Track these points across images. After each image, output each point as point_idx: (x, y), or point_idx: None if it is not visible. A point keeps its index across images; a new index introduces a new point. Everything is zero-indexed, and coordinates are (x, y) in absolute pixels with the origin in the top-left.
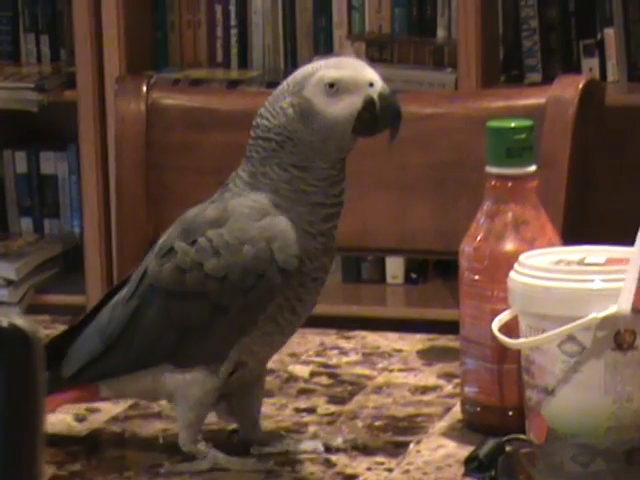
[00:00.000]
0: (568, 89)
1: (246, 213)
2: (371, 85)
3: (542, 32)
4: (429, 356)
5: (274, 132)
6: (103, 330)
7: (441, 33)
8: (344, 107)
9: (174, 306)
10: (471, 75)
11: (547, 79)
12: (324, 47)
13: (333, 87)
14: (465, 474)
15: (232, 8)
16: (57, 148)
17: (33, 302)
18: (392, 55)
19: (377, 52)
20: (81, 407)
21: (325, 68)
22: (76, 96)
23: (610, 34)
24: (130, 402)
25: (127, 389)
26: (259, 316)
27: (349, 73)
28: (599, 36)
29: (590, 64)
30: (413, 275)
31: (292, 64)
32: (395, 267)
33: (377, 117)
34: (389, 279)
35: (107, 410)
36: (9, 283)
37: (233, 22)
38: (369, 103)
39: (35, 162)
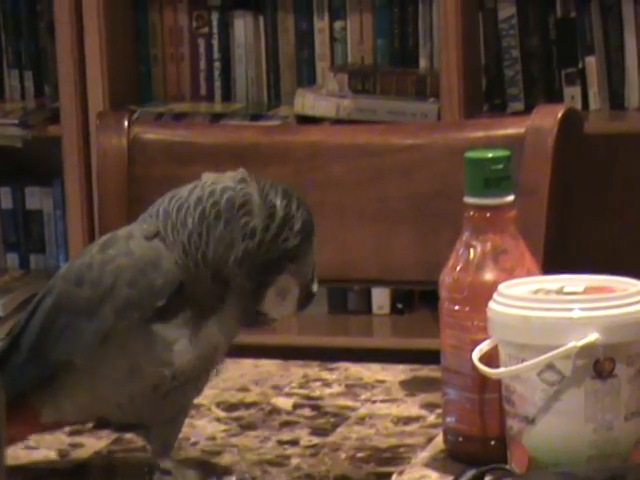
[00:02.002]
0: (547, 118)
1: (148, 235)
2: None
3: (524, 61)
4: (412, 387)
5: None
6: (8, 332)
7: (423, 63)
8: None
9: (69, 291)
10: (453, 105)
11: (529, 108)
12: (307, 79)
13: (283, 294)
14: None
15: (215, 41)
16: (42, 183)
17: None
18: (375, 86)
19: (360, 83)
20: (64, 442)
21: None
22: (60, 131)
23: (592, 62)
24: (113, 437)
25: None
26: (134, 316)
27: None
28: (580, 64)
29: (572, 92)
30: (399, 305)
31: (275, 96)
32: (381, 297)
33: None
34: (375, 309)
35: (90, 445)
36: None
37: (216, 55)
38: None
39: (20, 197)
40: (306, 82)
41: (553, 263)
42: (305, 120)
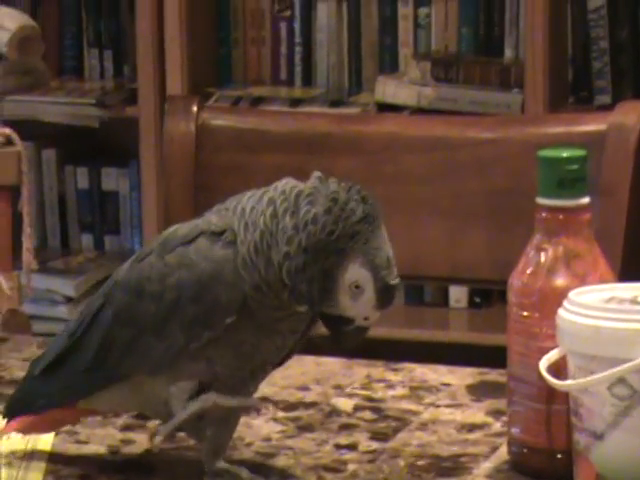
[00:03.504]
0: (630, 115)
1: (214, 232)
2: (366, 319)
3: (612, 53)
4: (478, 391)
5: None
6: (69, 329)
7: (508, 53)
8: (350, 308)
9: (131, 304)
10: (538, 96)
11: (617, 101)
12: (389, 66)
13: (357, 289)
14: None
15: (297, 25)
16: (119, 164)
17: None
18: (458, 75)
19: (442, 72)
20: (115, 438)
21: (372, 274)
22: (138, 112)
23: None
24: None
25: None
26: (203, 335)
27: (372, 299)
28: None
29: None
30: (477, 299)
31: (356, 83)
32: (458, 291)
33: (341, 332)
34: (452, 303)
35: (141, 441)
36: (68, 300)
37: (298, 39)
38: (347, 327)
39: (96, 178)
40: (388, 69)
41: (631, 269)
42: (386, 108)
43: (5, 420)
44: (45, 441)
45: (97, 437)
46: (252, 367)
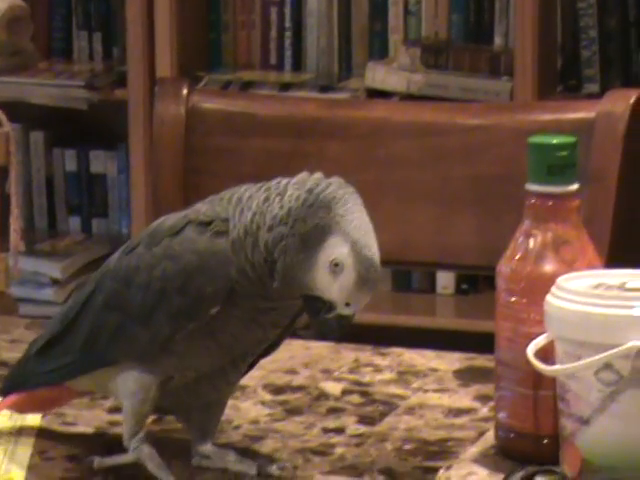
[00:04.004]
0: (618, 103)
1: (202, 222)
2: (348, 304)
3: (601, 42)
4: (466, 376)
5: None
6: (63, 312)
7: (498, 40)
8: (328, 287)
9: (119, 292)
10: (527, 84)
11: (605, 90)
12: (379, 52)
13: (337, 266)
14: None
15: (287, 10)
16: (107, 147)
17: None
18: (447, 62)
19: (432, 58)
20: (103, 419)
21: (351, 248)
22: (126, 95)
23: None
24: (153, 416)
25: (90, 384)
26: (188, 325)
27: (352, 279)
28: None
29: None
30: (464, 286)
31: (346, 68)
32: (446, 277)
33: (321, 320)
34: (439, 289)
35: None
36: (55, 282)
37: (288, 24)
38: (328, 314)
39: (85, 161)
40: (378, 55)
41: (619, 255)
42: (375, 94)
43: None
44: (34, 419)
45: (85, 419)
46: (232, 357)
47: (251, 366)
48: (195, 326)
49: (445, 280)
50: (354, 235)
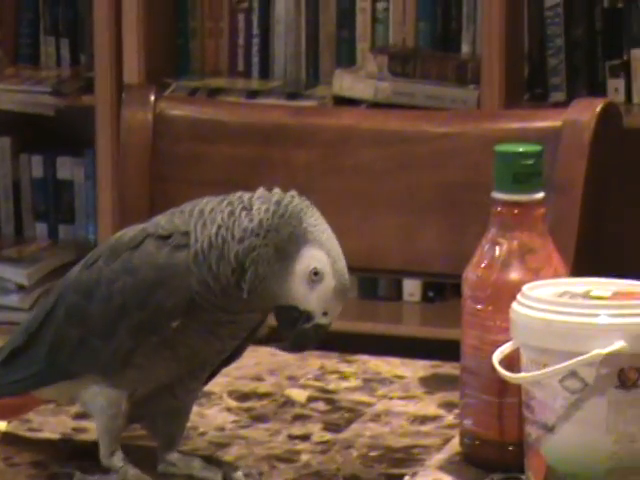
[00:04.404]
0: (585, 112)
1: (161, 236)
2: (325, 313)
3: (568, 51)
4: (431, 384)
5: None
6: (27, 323)
7: (465, 48)
8: (306, 298)
9: (80, 305)
10: (494, 92)
11: (571, 99)
12: (346, 59)
13: (316, 275)
14: None
15: (255, 17)
16: (74, 153)
17: None
18: (415, 70)
19: (399, 66)
20: (68, 426)
21: (328, 257)
22: (94, 101)
23: (637, 55)
24: None
25: (55, 394)
26: (149, 339)
27: (331, 287)
28: (625, 56)
29: (615, 85)
30: (430, 293)
31: (314, 75)
32: (412, 285)
33: (296, 332)
34: (406, 296)
35: (94, 429)
36: (20, 288)
37: (255, 31)
38: (305, 325)
39: (52, 167)
40: (345, 62)
41: (585, 264)
42: (342, 101)
43: None
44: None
45: (50, 425)
46: (191, 368)
47: (212, 375)
48: (156, 340)
49: (412, 288)
50: (327, 245)
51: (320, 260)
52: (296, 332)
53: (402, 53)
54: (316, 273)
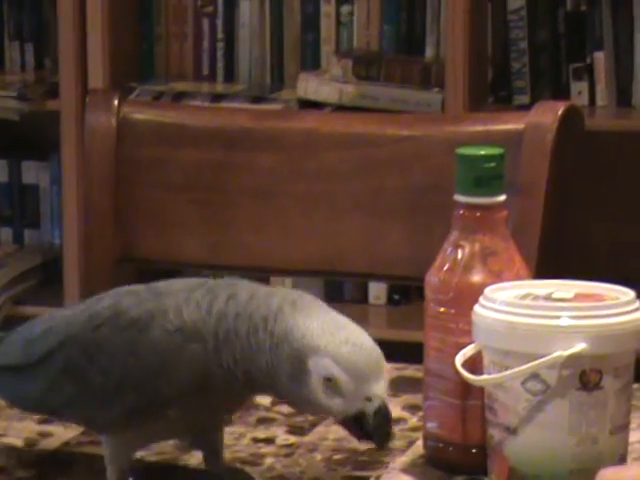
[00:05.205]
0: (547, 115)
1: (170, 330)
2: (368, 399)
3: (531, 54)
4: (395, 386)
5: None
6: (29, 342)
7: (429, 52)
8: (336, 405)
9: (80, 364)
10: (458, 95)
11: (535, 101)
12: (311, 63)
13: (330, 382)
14: None
15: (219, 21)
16: (39, 157)
17: (10, 313)
18: (379, 73)
19: (364, 69)
20: (33, 430)
21: (332, 359)
22: (59, 106)
23: (600, 58)
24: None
25: None
26: (141, 421)
27: (350, 381)
28: (589, 59)
29: (579, 88)
30: (395, 296)
31: (278, 79)
32: (377, 288)
33: (367, 431)
34: (371, 299)
35: (59, 435)
36: None
37: (220, 35)
38: (359, 417)
39: (16, 171)
40: (310, 66)
41: (547, 266)
42: (307, 105)
43: None
44: None
45: (15, 430)
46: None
47: None
48: (150, 422)
49: (377, 290)
50: (323, 341)
51: (325, 365)
52: (369, 433)
53: (366, 56)
54: (329, 380)
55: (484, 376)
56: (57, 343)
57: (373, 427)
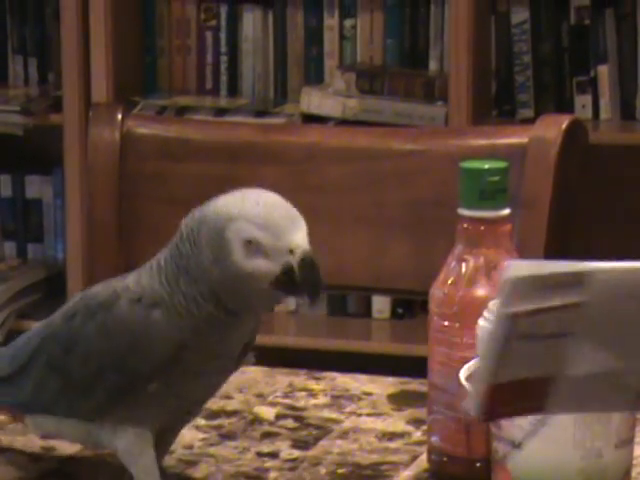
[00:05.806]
0: (551, 129)
1: (133, 299)
2: (291, 252)
3: (535, 67)
4: (399, 401)
5: (190, 262)
6: (16, 350)
7: (433, 65)
8: (261, 267)
9: (61, 358)
10: (462, 109)
11: (539, 115)
12: (314, 77)
13: (251, 244)
14: None
15: (223, 35)
16: (42, 172)
17: (14, 328)
18: (382, 87)
19: (367, 83)
20: (36, 445)
21: (246, 220)
22: (62, 120)
23: (604, 71)
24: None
25: (53, 428)
26: (125, 400)
27: (268, 237)
28: (592, 73)
29: (583, 101)
30: (399, 310)
31: (282, 93)
32: (381, 302)
33: (296, 283)
34: (375, 313)
35: (63, 449)
36: None
37: (223, 49)
38: (287, 271)
39: (20, 186)
40: (313, 80)
41: None
42: (311, 119)
43: None
44: None
45: (18, 444)
46: (182, 411)
47: None
48: (134, 400)
49: (380, 304)
50: (235, 208)
51: (241, 228)
52: (296, 283)
53: (370, 70)
54: (249, 242)
55: None
56: (37, 344)
57: (300, 277)
